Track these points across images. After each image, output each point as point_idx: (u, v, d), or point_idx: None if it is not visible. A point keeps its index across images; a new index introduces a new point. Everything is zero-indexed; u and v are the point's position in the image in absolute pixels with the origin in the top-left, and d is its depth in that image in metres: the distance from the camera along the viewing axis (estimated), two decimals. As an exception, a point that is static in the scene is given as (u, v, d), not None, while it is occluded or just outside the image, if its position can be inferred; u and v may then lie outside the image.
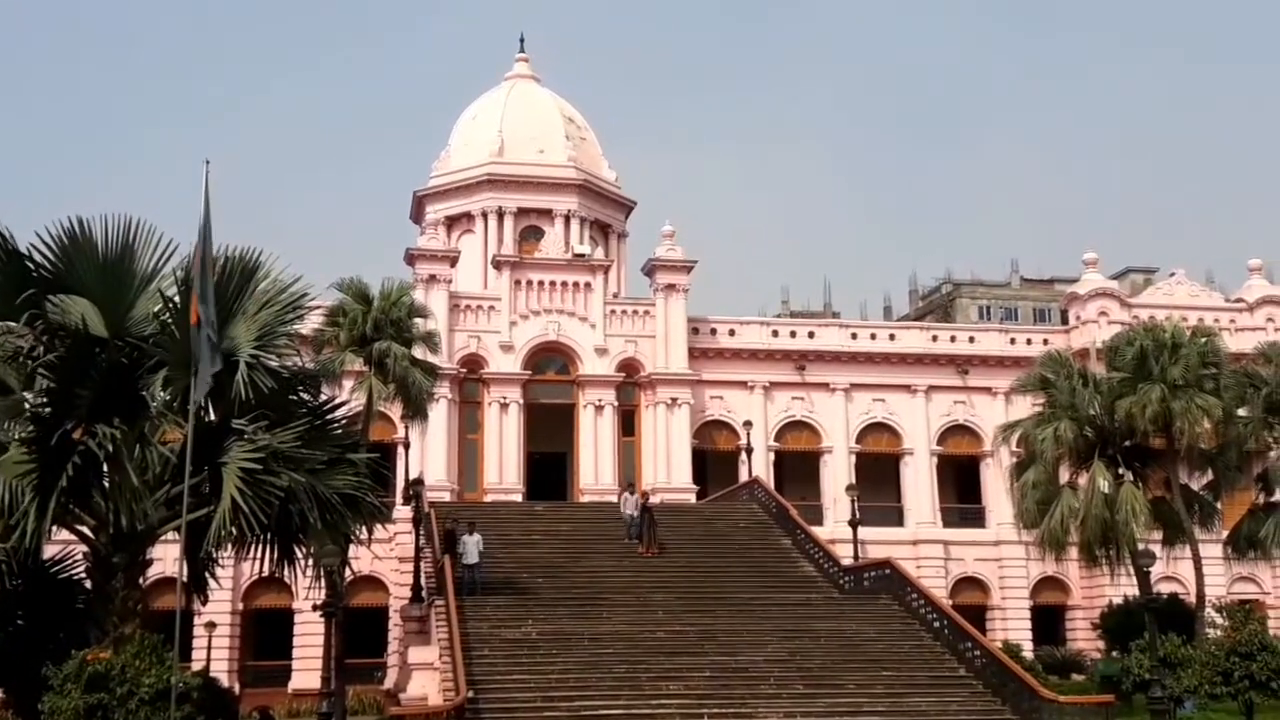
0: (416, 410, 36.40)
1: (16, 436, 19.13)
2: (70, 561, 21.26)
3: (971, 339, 54.42)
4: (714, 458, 51.12)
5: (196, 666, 35.82)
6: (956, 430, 52.63)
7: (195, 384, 17.92)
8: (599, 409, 49.35)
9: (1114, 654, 38.17)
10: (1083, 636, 49.02)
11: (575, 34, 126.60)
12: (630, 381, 50.08)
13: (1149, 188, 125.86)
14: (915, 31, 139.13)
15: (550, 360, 50.23)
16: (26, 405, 19.50)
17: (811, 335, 53.13)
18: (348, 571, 31.59)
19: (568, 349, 49.98)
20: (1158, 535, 36.81)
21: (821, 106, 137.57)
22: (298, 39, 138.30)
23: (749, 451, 48.49)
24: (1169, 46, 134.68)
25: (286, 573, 21.43)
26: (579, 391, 49.75)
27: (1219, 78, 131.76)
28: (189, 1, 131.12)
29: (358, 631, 40.08)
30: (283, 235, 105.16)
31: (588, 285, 50.42)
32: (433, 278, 48.51)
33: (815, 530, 40.98)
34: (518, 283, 49.94)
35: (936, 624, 30.95)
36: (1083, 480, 36.61)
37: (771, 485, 46.34)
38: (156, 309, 19.85)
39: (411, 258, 49.16)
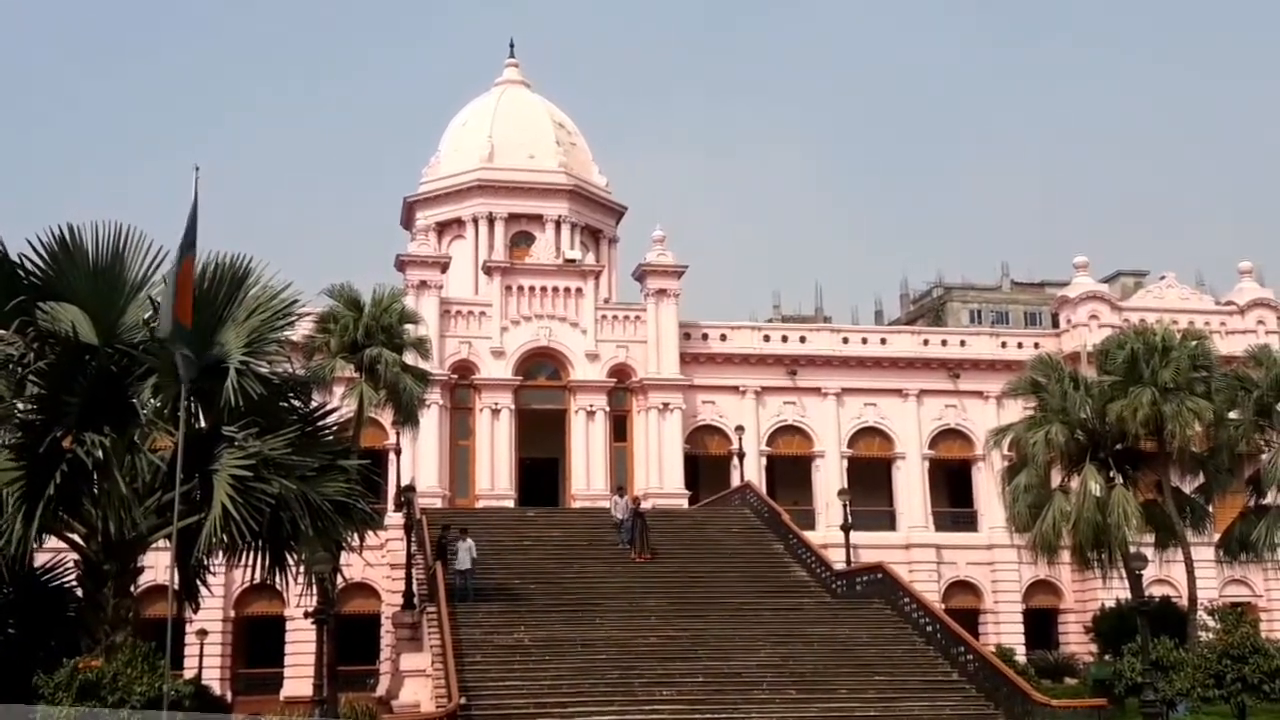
0: (408, 416, 36.38)
1: (5, 443, 19.09)
2: (61, 569, 21.19)
3: (962, 343, 54.36)
4: (706, 463, 51.07)
5: (188, 674, 35.75)
6: (948, 434, 52.60)
7: (182, 387, 17.86)
8: (590, 414, 49.27)
9: (1106, 657, 38.05)
10: (1075, 640, 49.02)
11: (566, 39, 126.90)
12: (622, 386, 50.00)
13: (1140, 191, 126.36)
14: (907, 35, 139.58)
15: (541, 366, 50.14)
16: (16, 413, 19.44)
17: (803, 340, 53.07)
18: (339, 578, 31.50)
19: (559, 354, 49.89)
20: (1149, 538, 36.84)
21: (812, 110, 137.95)
22: (289, 46, 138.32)
23: (741, 456, 48.48)
24: (1159, 49, 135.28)
25: (278, 580, 21.37)
26: (570, 397, 49.66)
27: (1210, 81, 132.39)
28: (180, 7, 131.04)
29: (350, 638, 39.95)
30: (273, 241, 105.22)
31: (579, 290, 50.34)
32: (423, 284, 48.45)
33: (807, 535, 40.94)
34: (508, 288, 49.85)
35: (929, 628, 30.91)
36: (1074, 484, 36.64)
37: (763, 490, 46.35)
38: (147, 316, 19.81)
39: (402, 264, 49.08)
